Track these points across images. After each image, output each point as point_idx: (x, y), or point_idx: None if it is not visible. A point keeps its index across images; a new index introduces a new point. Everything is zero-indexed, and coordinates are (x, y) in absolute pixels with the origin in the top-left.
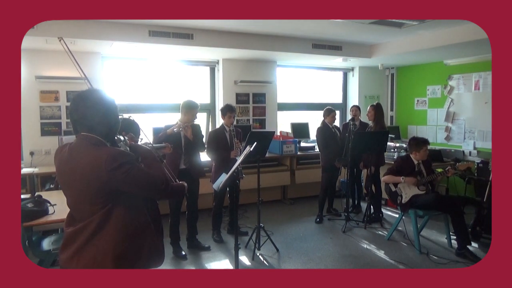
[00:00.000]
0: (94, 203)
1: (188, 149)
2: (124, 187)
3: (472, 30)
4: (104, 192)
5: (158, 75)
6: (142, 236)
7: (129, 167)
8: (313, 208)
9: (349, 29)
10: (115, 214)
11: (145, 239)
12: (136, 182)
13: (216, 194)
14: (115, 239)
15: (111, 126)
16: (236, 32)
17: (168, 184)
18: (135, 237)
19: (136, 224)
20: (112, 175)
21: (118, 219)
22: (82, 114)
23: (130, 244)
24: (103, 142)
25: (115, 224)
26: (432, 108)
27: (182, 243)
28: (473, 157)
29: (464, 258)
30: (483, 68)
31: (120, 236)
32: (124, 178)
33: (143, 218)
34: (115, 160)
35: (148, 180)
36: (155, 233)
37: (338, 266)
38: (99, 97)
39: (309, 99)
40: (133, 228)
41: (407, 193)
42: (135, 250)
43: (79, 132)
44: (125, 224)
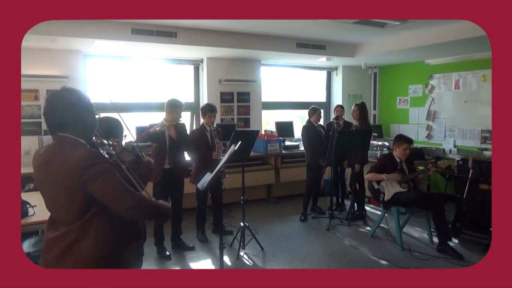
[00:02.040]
0: (71, 206)
1: (172, 148)
2: (93, 191)
3: (452, 30)
4: (79, 194)
5: (141, 74)
6: (124, 243)
7: (101, 170)
8: (297, 206)
9: (333, 29)
10: (96, 222)
11: (127, 246)
12: (106, 188)
13: (198, 194)
14: (96, 248)
15: (87, 126)
16: (220, 31)
17: (140, 203)
18: (116, 244)
19: (119, 232)
20: (82, 174)
21: (100, 227)
22: (56, 114)
23: (111, 253)
24: (81, 142)
25: (96, 232)
26: (413, 107)
27: (166, 243)
28: (453, 155)
29: (445, 254)
30: (463, 68)
31: (101, 244)
32: (94, 180)
33: (126, 224)
34: (87, 159)
35: (119, 191)
36: (137, 239)
37: (323, 264)
38: (74, 96)
39: (293, 98)
40: (115, 236)
41: (389, 191)
42: (116, 257)
43: (55, 132)
44: (107, 232)
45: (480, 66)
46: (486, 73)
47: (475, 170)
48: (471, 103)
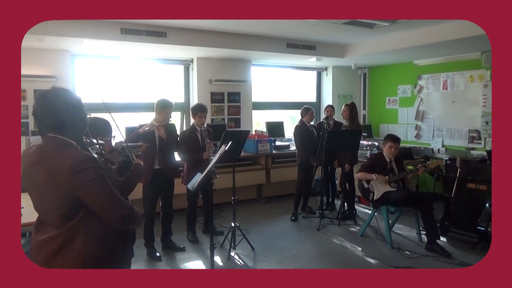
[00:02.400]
0: (60, 208)
1: (162, 149)
2: (84, 196)
3: (440, 32)
4: (68, 197)
5: (131, 74)
6: (113, 245)
7: (95, 177)
8: (288, 206)
9: (323, 29)
10: (86, 224)
11: (116, 248)
12: (98, 196)
13: (189, 194)
14: (85, 251)
15: (77, 126)
16: (210, 31)
17: (132, 214)
18: (106, 247)
19: (109, 234)
20: (74, 179)
21: (89, 230)
22: (46, 114)
23: (100, 256)
24: (72, 143)
25: (85, 235)
26: (402, 107)
27: (156, 245)
28: (441, 154)
29: (433, 252)
30: (451, 68)
31: (91, 247)
32: (86, 186)
33: (115, 231)
34: (80, 164)
35: (112, 200)
36: (126, 241)
37: (313, 263)
38: (64, 96)
39: (283, 98)
40: (105, 239)
41: (379, 190)
42: (106, 260)
43: (45, 132)
44: (96, 234)
45: (467, 67)
46: (473, 74)
47: (463, 169)
48: (459, 103)
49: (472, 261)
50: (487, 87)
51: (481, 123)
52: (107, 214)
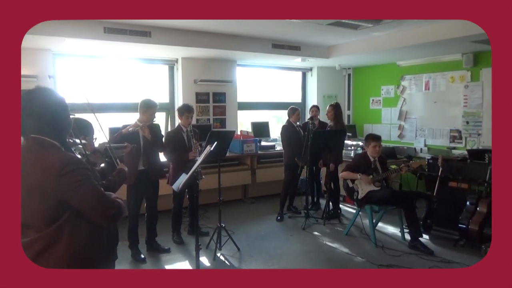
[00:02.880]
0: (45, 211)
1: (147, 149)
2: (70, 198)
3: (422, 33)
4: (53, 200)
5: (115, 74)
6: (97, 248)
7: (81, 178)
8: (274, 206)
9: (308, 30)
10: (69, 227)
11: (100, 251)
12: (85, 198)
13: (175, 195)
14: (68, 255)
15: (61, 127)
16: (195, 31)
17: (120, 211)
18: (89, 250)
19: (92, 237)
20: (60, 182)
21: (73, 233)
22: (29, 115)
23: (84, 259)
24: (56, 145)
25: (69, 238)
26: (386, 107)
27: (141, 246)
28: (424, 154)
29: (416, 250)
30: (433, 69)
31: (74, 251)
32: (73, 188)
33: (100, 233)
34: (65, 166)
35: (99, 200)
36: (110, 243)
37: (299, 263)
38: (47, 96)
39: (269, 98)
40: (88, 242)
41: (363, 189)
42: (89, 263)
43: (28, 133)
44: (80, 237)
45: (449, 68)
46: (454, 75)
47: (445, 168)
48: (441, 104)
49: (453, 258)
50: (467, 87)
51: (462, 123)
52: (95, 214)
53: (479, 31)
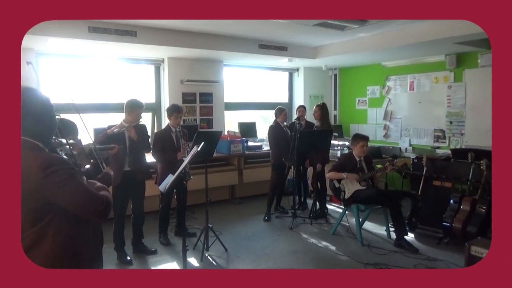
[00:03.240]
0: (29, 212)
1: (133, 150)
2: (56, 198)
3: (407, 34)
4: (38, 201)
5: (100, 74)
6: (81, 251)
7: (65, 177)
8: (261, 206)
9: (294, 31)
10: (53, 227)
11: (86, 251)
12: (72, 197)
13: (163, 196)
14: (52, 255)
15: (46, 128)
16: (181, 31)
17: (109, 206)
18: (75, 250)
19: (77, 237)
20: (44, 183)
21: (57, 233)
22: None
23: (68, 260)
24: (39, 145)
25: (52, 240)
26: (372, 108)
27: (127, 248)
28: (408, 153)
29: (401, 248)
30: (417, 70)
31: (58, 251)
32: (58, 188)
33: (84, 233)
34: (49, 167)
35: (87, 197)
36: (96, 243)
37: (286, 262)
38: (31, 96)
39: (256, 98)
40: (73, 241)
41: (349, 189)
42: (74, 264)
43: None
44: (63, 240)
45: (433, 69)
46: (438, 75)
47: (429, 167)
48: (425, 104)
49: (438, 256)
50: (451, 88)
51: (446, 123)
52: (84, 212)
53: (462, 33)
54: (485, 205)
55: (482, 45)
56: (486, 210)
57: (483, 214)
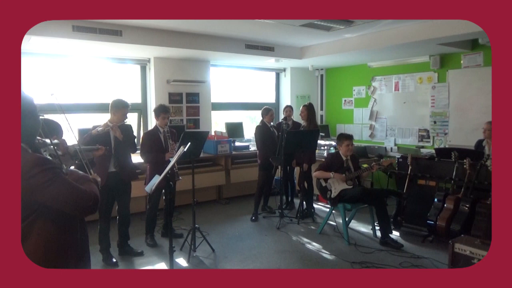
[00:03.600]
0: None
1: (118, 150)
2: (43, 199)
3: (392, 35)
4: (23, 202)
5: (84, 73)
6: (66, 250)
7: (51, 177)
8: (248, 206)
9: (281, 31)
10: (38, 225)
11: (70, 253)
12: (59, 195)
13: (150, 197)
14: (37, 253)
15: (29, 128)
16: (168, 30)
17: (96, 202)
18: (58, 252)
19: (61, 241)
20: (28, 184)
21: (41, 235)
22: None
23: (54, 258)
24: (23, 147)
25: (36, 239)
26: (358, 108)
27: (112, 250)
28: (394, 153)
29: (387, 246)
30: (402, 70)
31: (44, 249)
32: (44, 188)
33: (70, 231)
34: (33, 167)
35: (74, 195)
36: (81, 245)
37: (273, 262)
38: None
39: (243, 98)
40: (57, 246)
41: (336, 188)
42: (59, 262)
43: None
44: (48, 240)
45: (417, 69)
46: (422, 76)
47: (414, 166)
48: (409, 104)
49: (423, 254)
50: (435, 88)
51: (430, 122)
52: (72, 209)
53: (445, 34)
54: (468, 203)
55: (465, 46)
56: (469, 208)
57: (466, 212)
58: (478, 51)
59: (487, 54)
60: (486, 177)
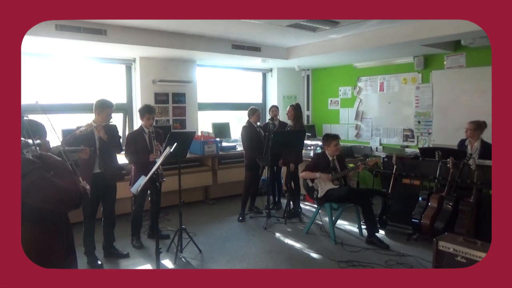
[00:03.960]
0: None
1: (103, 151)
2: (29, 200)
3: (377, 36)
4: None
5: (68, 73)
6: (49, 250)
7: (35, 178)
8: (235, 207)
9: (267, 32)
10: (23, 227)
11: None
12: (44, 195)
13: (136, 198)
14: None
15: None
16: (153, 30)
17: (81, 197)
18: (41, 252)
19: (46, 243)
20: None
21: (26, 238)
22: None
23: (35, 260)
24: None
25: (23, 238)
26: (343, 108)
27: (97, 252)
28: (379, 152)
29: (373, 245)
30: (387, 71)
31: (29, 251)
32: (29, 190)
33: (54, 235)
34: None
35: (60, 193)
36: (66, 248)
37: (261, 262)
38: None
39: (230, 99)
40: (41, 248)
41: (322, 188)
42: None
43: None
44: (30, 240)
45: (401, 70)
46: (407, 76)
47: (398, 166)
48: (394, 104)
49: (408, 252)
50: (419, 89)
51: (414, 122)
52: (59, 208)
53: (429, 35)
54: (452, 202)
55: (448, 48)
56: (452, 207)
57: (450, 211)
58: (461, 52)
59: (469, 55)
60: (468, 176)
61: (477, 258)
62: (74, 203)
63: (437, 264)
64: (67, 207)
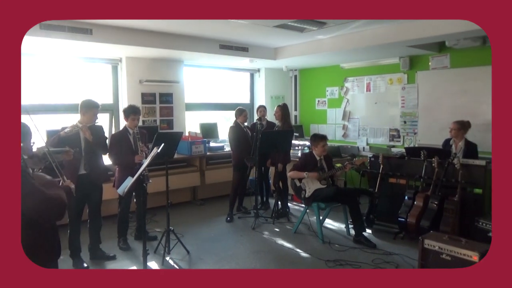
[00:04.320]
0: None
1: (88, 152)
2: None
3: (363, 37)
4: None
5: (53, 73)
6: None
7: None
8: (223, 207)
9: (255, 32)
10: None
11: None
12: (28, 203)
13: (121, 199)
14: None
15: None
16: (140, 30)
17: (65, 206)
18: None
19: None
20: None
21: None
22: None
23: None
24: None
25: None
26: (331, 108)
27: (83, 254)
28: (366, 152)
29: (360, 244)
30: (373, 71)
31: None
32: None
33: (40, 238)
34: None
35: (44, 203)
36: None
37: (249, 263)
38: None
39: (217, 99)
40: (26, 250)
41: (310, 188)
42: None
43: None
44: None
45: (387, 71)
46: (393, 77)
47: (385, 165)
48: (380, 104)
49: (394, 250)
50: (404, 89)
51: (400, 122)
52: (41, 216)
53: (414, 36)
54: (437, 201)
55: (432, 48)
56: (437, 205)
57: (435, 209)
58: (445, 53)
59: (454, 56)
60: (453, 175)
61: (461, 256)
62: (55, 213)
63: (423, 262)
64: (47, 217)
